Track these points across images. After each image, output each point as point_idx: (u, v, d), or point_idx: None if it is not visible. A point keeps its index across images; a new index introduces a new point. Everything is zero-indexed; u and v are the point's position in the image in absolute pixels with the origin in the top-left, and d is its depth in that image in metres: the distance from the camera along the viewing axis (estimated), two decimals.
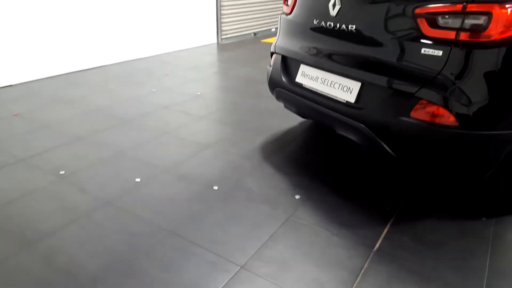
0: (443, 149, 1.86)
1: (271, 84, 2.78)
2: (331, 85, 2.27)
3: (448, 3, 1.73)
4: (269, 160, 2.74)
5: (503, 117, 1.78)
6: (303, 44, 2.45)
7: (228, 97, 4.10)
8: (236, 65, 5.36)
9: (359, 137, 2.15)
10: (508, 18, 1.64)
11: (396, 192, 2.37)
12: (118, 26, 5.20)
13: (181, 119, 3.42)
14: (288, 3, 2.64)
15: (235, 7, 7.08)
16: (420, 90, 1.81)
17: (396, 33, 1.90)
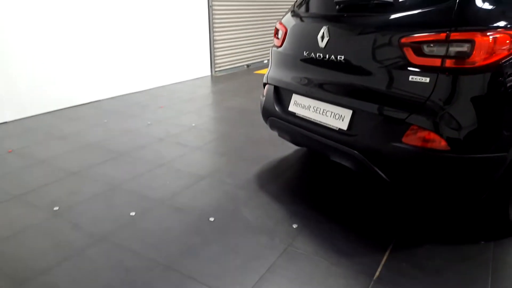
0: (436, 173, 1.87)
1: (265, 114, 2.82)
2: (323, 113, 2.30)
3: (432, 32, 1.79)
4: (265, 189, 2.73)
5: (493, 140, 1.81)
6: (295, 75, 2.51)
7: (222, 128, 4.14)
8: (230, 96, 5.44)
9: (353, 164, 2.16)
10: (490, 45, 1.70)
11: (394, 218, 2.35)
12: (112, 61, 5.30)
13: (176, 151, 3.43)
14: (279, 36, 2.72)
15: (228, 41, 7.27)
16: (410, 116, 1.85)
17: (383, 62, 1.95)
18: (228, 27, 7.20)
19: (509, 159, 1.86)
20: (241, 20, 7.47)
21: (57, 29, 4.55)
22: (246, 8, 7.52)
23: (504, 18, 1.79)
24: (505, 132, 1.81)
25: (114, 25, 5.22)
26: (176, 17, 6.14)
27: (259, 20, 7.97)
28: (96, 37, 5.02)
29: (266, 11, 8.12)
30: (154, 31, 5.81)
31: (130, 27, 5.44)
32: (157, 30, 5.87)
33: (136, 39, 5.57)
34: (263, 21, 8.08)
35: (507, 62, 1.72)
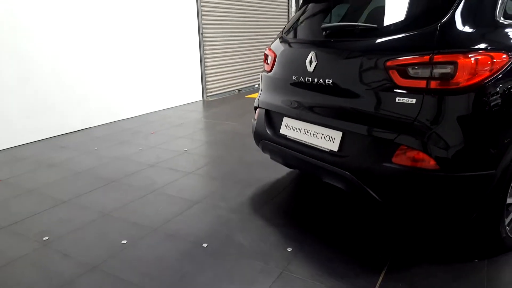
0: (427, 192, 1.89)
1: (257, 137, 2.84)
2: (314, 135, 2.33)
3: (416, 54, 1.85)
4: (258, 212, 2.72)
5: (481, 158, 1.84)
6: (285, 98, 2.55)
7: (215, 152, 4.14)
8: (222, 120, 5.48)
9: (345, 184, 2.18)
10: (472, 66, 1.75)
11: (388, 238, 2.35)
12: (102, 88, 5.34)
13: (168, 176, 3.41)
14: (268, 61, 2.77)
15: (219, 67, 7.38)
16: (399, 136, 1.88)
17: (371, 85, 2.00)
18: (218, 53, 7.32)
19: (497, 177, 1.89)
20: (231, 47, 7.62)
21: (45, 55, 4.59)
22: (235, 35, 7.69)
23: (484, 40, 1.87)
24: (491, 149, 1.85)
25: (105, 53, 5.28)
26: (167, 44, 6.24)
27: (248, 46, 8.13)
28: (86, 64, 5.06)
29: (255, 37, 8.30)
30: (145, 58, 5.89)
31: (121, 54, 5.50)
32: (148, 57, 5.95)
33: (126, 66, 5.63)
34: (252, 47, 8.25)
35: (490, 82, 1.78)
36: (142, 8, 5.71)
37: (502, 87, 1.81)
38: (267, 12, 8.66)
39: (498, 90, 1.80)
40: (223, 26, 7.35)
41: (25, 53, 4.35)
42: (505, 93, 1.83)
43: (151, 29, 5.92)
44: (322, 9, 2.70)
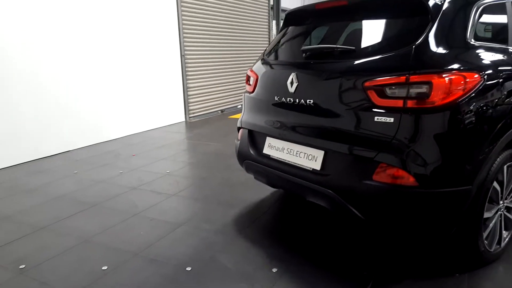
0: (407, 208, 1.93)
1: (240, 157, 2.85)
2: (296, 154, 2.36)
3: (393, 75, 1.91)
4: (243, 233, 2.70)
5: (457, 174, 1.90)
6: (268, 119, 2.58)
7: (198, 173, 4.12)
8: (205, 141, 5.47)
9: (328, 203, 2.19)
10: (446, 85, 1.83)
11: (372, 255, 2.36)
12: (81, 110, 5.27)
13: (150, 199, 3.36)
14: (250, 82, 2.82)
15: (201, 88, 7.42)
16: (378, 154, 1.92)
17: (350, 104, 2.06)
18: (200, 74, 7.38)
19: (474, 192, 1.95)
20: (213, 68, 7.70)
21: (21, 76, 4.52)
22: (217, 56, 7.78)
23: (457, 61, 1.96)
24: (467, 166, 1.91)
25: (85, 74, 5.25)
26: (149, 65, 6.26)
27: (231, 68, 8.23)
28: (65, 85, 5.01)
29: (237, 59, 8.42)
30: (126, 79, 5.88)
31: (101, 76, 5.48)
32: (130, 78, 5.94)
33: (107, 88, 5.60)
34: (235, 69, 8.35)
35: (463, 101, 1.85)
36: (123, 29, 5.74)
37: (475, 106, 1.89)
38: (249, 34, 8.82)
39: (471, 108, 1.88)
40: (205, 47, 7.43)
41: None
42: (478, 111, 1.90)
43: (132, 50, 5.93)
44: (302, 32, 2.79)
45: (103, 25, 5.41)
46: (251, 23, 8.90)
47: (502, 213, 2.23)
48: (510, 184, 2.22)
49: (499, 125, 2.00)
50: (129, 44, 5.86)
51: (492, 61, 2.10)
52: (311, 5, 2.63)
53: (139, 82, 6.11)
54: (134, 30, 5.92)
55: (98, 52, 5.37)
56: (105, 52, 5.49)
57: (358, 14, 2.40)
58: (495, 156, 2.01)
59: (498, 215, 2.20)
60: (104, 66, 5.49)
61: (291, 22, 2.83)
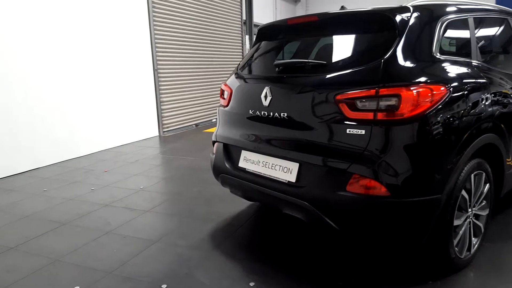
0: (380, 218, 1.97)
1: (215, 171, 2.84)
2: (272, 167, 2.37)
3: (363, 88, 1.97)
4: (219, 248, 2.67)
5: (427, 184, 1.96)
6: (242, 132, 2.59)
7: (173, 188, 4.06)
8: (180, 156, 5.41)
9: (304, 215, 2.21)
10: (414, 98, 1.90)
11: (348, 265, 2.39)
12: (51, 126, 5.12)
13: (124, 216, 3.28)
14: (225, 96, 2.83)
15: (175, 102, 7.37)
16: (351, 165, 1.96)
17: (323, 117, 2.10)
18: (174, 88, 7.34)
19: (443, 200, 2.01)
20: (187, 82, 7.68)
21: None
22: (191, 70, 7.78)
23: (424, 74, 2.04)
24: (437, 175, 1.97)
25: (54, 89, 5.12)
26: (121, 80, 6.18)
27: (205, 82, 8.23)
28: (33, 100, 4.86)
29: (211, 73, 8.44)
30: (98, 94, 5.77)
31: (72, 91, 5.36)
32: (101, 93, 5.84)
33: (77, 103, 5.47)
34: (209, 82, 8.36)
35: (431, 112, 1.93)
36: (94, 43, 5.66)
37: (442, 117, 1.97)
38: (222, 48, 8.88)
39: (439, 119, 1.95)
40: (178, 61, 7.42)
41: None
42: (445, 122, 1.98)
43: (103, 65, 5.84)
44: (274, 46, 2.84)
45: (74, 39, 5.32)
46: (225, 38, 8.97)
47: (471, 220, 2.31)
48: (478, 192, 2.31)
49: (465, 135, 2.08)
50: (100, 59, 5.78)
51: (457, 74, 2.20)
52: (283, 20, 2.69)
53: (111, 96, 6.01)
54: (105, 44, 5.84)
55: (68, 67, 5.26)
56: (76, 67, 5.38)
57: (329, 30, 2.47)
58: (463, 166, 2.09)
59: (467, 222, 2.28)
60: (74, 81, 5.37)
61: (263, 37, 2.87)
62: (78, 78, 5.42)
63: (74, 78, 5.35)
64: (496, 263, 2.36)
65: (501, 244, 2.59)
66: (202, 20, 8.03)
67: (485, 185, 2.35)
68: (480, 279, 2.22)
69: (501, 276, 2.23)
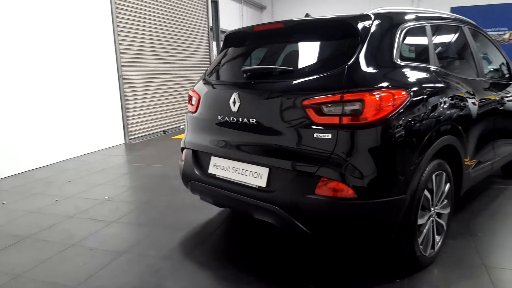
0: (348, 219, 2.02)
1: (185, 178, 2.80)
2: (242, 172, 2.37)
3: (329, 94, 2.02)
4: (191, 256, 2.64)
5: (391, 185, 2.03)
6: (212, 138, 2.58)
7: (141, 197, 3.97)
8: (147, 164, 5.31)
9: (274, 219, 2.22)
10: (377, 102, 1.97)
11: (318, 267, 2.42)
12: (9, 135, 4.87)
13: (89, 228, 3.17)
14: (193, 102, 2.81)
15: (141, 109, 7.23)
16: (319, 169, 2.00)
17: (291, 122, 2.13)
18: (140, 95, 7.20)
19: (407, 201, 2.09)
20: (153, 88, 7.55)
21: None
22: (158, 76, 7.66)
23: (386, 80, 2.13)
24: (400, 176, 2.05)
25: (10, 94, 4.88)
26: (83, 87, 5.98)
27: (172, 88, 8.13)
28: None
29: (178, 79, 8.35)
30: (59, 101, 5.56)
31: (31, 97, 5.13)
32: (63, 100, 5.62)
33: (37, 110, 5.24)
34: (176, 88, 8.27)
35: (393, 116, 2.01)
36: (54, 49, 5.46)
37: (404, 120, 2.05)
38: (189, 54, 8.82)
39: (401, 123, 2.04)
40: (144, 68, 7.29)
41: None
42: (407, 125, 2.07)
43: (64, 71, 5.64)
44: (242, 53, 2.86)
45: (32, 45, 5.11)
46: (192, 44, 8.92)
47: (434, 219, 2.41)
48: (439, 192, 2.41)
49: (426, 137, 2.18)
50: (60, 65, 5.58)
51: (417, 79, 2.30)
52: (249, 27, 2.72)
53: (72, 104, 5.80)
54: (66, 50, 5.65)
55: (26, 73, 5.04)
56: (35, 74, 5.16)
57: (294, 37, 2.52)
58: (424, 166, 2.19)
59: (430, 221, 2.37)
60: (32, 88, 5.14)
61: (230, 43, 2.89)
62: (37, 85, 5.19)
63: (32, 85, 5.13)
64: (458, 259, 2.48)
65: (461, 240, 2.72)
66: (168, 26, 7.95)
67: (445, 185, 2.46)
68: (444, 275, 2.32)
69: (463, 272, 2.34)
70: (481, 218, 3.10)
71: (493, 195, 3.62)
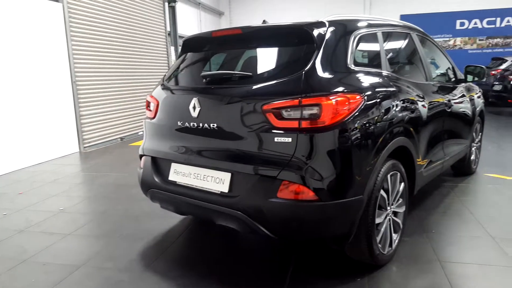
0: (310, 221, 2.06)
1: (144, 186, 2.73)
2: (204, 178, 2.35)
3: (288, 99, 2.06)
4: (151, 267, 2.56)
5: (350, 186, 2.10)
6: (172, 144, 2.53)
7: (97, 207, 3.81)
8: (104, 172, 5.11)
9: (238, 225, 2.21)
10: (334, 106, 2.03)
11: (279, 270, 2.43)
12: None
13: (42, 242, 2.99)
14: (151, 108, 2.74)
15: (97, 115, 6.96)
16: (281, 172, 2.03)
17: (252, 127, 2.14)
18: (95, 101, 6.94)
19: (365, 201, 2.16)
20: (109, 94, 7.30)
21: None
22: (113, 82, 7.42)
23: (341, 84, 2.20)
24: (358, 177, 2.12)
25: None
26: (34, 94, 5.67)
27: (128, 94, 7.90)
28: None
29: (135, 84, 8.13)
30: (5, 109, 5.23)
31: None
32: (10, 108, 5.30)
33: None
34: (133, 94, 8.04)
35: (349, 119, 2.08)
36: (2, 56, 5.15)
37: (359, 123, 2.13)
38: (147, 60, 8.63)
39: (356, 126, 2.11)
40: (100, 73, 7.04)
41: None
42: (362, 128, 2.15)
43: (13, 79, 5.33)
44: (201, 58, 2.84)
45: None
46: (149, 49, 8.73)
47: (390, 217, 2.50)
48: (394, 191, 2.51)
49: (380, 139, 2.27)
50: (8, 73, 5.26)
51: (370, 83, 2.39)
52: (207, 32, 2.71)
53: (22, 112, 5.48)
54: (14, 58, 5.34)
55: None
56: None
57: (253, 43, 2.55)
58: (380, 167, 2.27)
59: (387, 220, 2.47)
60: None
61: (189, 48, 2.86)
62: None
63: None
64: (414, 256, 2.59)
65: (417, 237, 2.85)
66: (124, 32, 7.73)
67: (400, 184, 2.57)
68: (402, 272, 2.41)
69: (420, 268, 2.45)
70: (434, 216, 3.26)
71: (444, 192, 3.83)
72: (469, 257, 2.57)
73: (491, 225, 3.02)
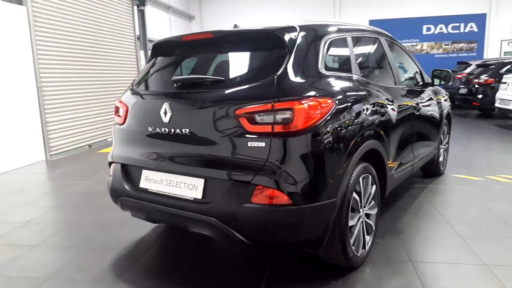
0: (285, 225, 2.05)
1: (114, 194, 2.64)
2: (176, 185, 2.30)
3: (260, 103, 2.05)
4: (123, 277, 2.48)
5: (323, 189, 2.11)
6: (142, 151, 2.47)
7: (65, 217, 3.67)
8: (71, 181, 4.93)
9: (212, 231, 2.18)
10: (306, 110, 2.04)
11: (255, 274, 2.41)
12: None
13: (7, 254, 2.84)
14: (120, 114, 2.67)
15: (63, 122, 6.72)
16: (255, 177, 2.01)
17: (225, 132, 2.12)
18: (62, 107, 6.70)
19: (338, 204, 2.18)
20: (76, 100, 7.07)
21: None
22: (80, 88, 7.19)
23: (313, 89, 2.22)
24: (330, 181, 2.14)
25: None
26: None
27: (96, 99, 7.67)
28: None
29: (103, 90, 7.91)
30: None
31: None
32: None
33: None
34: (101, 100, 7.81)
35: (321, 123, 2.10)
36: None
37: (331, 127, 2.15)
38: (115, 64, 8.43)
39: (328, 129, 2.13)
40: (67, 79, 6.81)
41: None
42: (334, 131, 2.17)
43: None
44: (171, 62, 2.79)
45: None
46: (117, 53, 8.54)
47: (363, 220, 2.54)
48: (366, 193, 2.55)
49: (351, 142, 2.30)
50: None
51: (341, 88, 2.42)
52: (178, 36, 2.66)
53: None
54: None
55: None
56: None
57: (224, 47, 2.53)
58: (352, 170, 2.30)
59: (360, 222, 2.50)
60: None
61: (159, 52, 2.81)
62: None
63: None
64: (387, 257, 2.63)
65: (389, 239, 2.90)
66: (91, 36, 7.52)
67: (372, 187, 2.61)
68: (376, 274, 2.45)
69: (392, 268, 2.49)
70: (405, 217, 3.34)
71: (415, 194, 3.93)
72: (440, 257, 2.64)
73: (459, 224, 3.12)
